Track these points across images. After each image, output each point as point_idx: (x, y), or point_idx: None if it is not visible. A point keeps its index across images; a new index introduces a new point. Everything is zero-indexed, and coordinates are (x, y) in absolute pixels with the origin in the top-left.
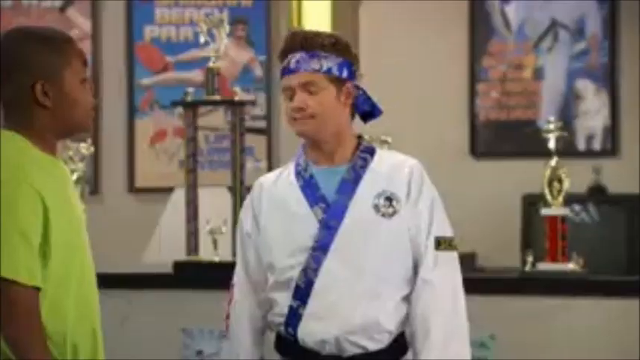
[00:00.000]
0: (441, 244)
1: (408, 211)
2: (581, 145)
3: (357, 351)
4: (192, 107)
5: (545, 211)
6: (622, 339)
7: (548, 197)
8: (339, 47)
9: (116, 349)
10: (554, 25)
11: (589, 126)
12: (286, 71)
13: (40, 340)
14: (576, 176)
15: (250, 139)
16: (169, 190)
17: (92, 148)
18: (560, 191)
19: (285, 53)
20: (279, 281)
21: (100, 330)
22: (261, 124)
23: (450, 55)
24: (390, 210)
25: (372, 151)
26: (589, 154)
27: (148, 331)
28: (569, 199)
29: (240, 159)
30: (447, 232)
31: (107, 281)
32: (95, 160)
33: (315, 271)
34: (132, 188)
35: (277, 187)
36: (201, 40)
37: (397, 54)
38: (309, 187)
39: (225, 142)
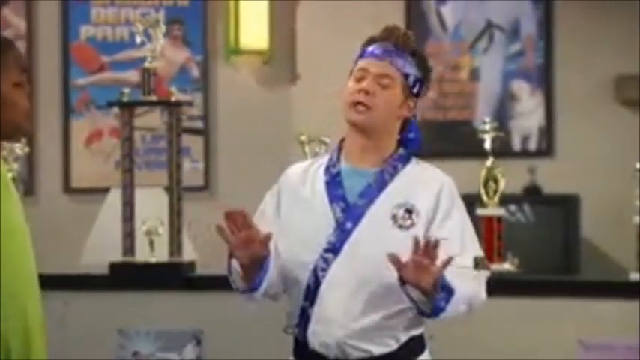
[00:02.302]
0: (478, 264)
1: (432, 227)
2: (516, 146)
3: (361, 355)
4: (128, 107)
5: (481, 212)
6: (557, 339)
7: (484, 197)
8: (424, 64)
9: (52, 350)
10: (489, 27)
11: (524, 126)
12: (368, 55)
13: None
14: (512, 176)
15: (187, 140)
16: (105, 191)
17: (27, 149)
18: (495, 191)
19: (374, 41)
20: (290, 277)
21: (40, 328)
22: (198, 124)
23: None
24: (408, 222)
25: (406, 160)
26: (524, 154)
27: (84, 332)
28: (505, 200)
29: (177, 159)
30: (478, 251)
31: (43, 282)
32: (30, 160)
33: (324, 271)
34: (67, 189)
35: (306, 178)
36: (138, 40)
37: (334, 54)
38: (334, 184)
39: (161, 143)
